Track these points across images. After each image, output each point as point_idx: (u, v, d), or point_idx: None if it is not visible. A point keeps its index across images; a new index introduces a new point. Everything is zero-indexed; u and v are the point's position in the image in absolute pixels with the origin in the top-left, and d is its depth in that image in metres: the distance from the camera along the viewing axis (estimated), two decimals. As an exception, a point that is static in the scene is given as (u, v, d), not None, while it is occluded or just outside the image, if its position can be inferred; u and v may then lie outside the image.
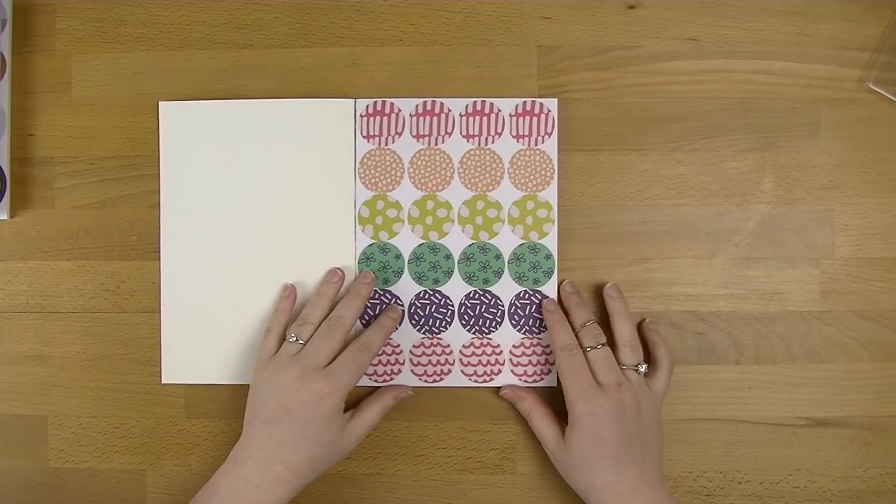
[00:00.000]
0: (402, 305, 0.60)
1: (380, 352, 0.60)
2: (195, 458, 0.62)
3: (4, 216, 0.60)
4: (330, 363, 0.55)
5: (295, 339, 0.56)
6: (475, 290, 0.61)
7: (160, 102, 0.61)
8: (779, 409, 0.60)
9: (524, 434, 0.61)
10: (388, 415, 0.60)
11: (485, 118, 0.60)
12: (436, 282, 0.61)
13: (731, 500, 0.60)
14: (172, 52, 0.62)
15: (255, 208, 0.61)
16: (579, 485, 0.55)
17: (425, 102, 0.60)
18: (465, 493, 0.61)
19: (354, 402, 0.59)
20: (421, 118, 0.61)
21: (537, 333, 0.60)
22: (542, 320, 0.60)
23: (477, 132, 0.60)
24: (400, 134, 0.61)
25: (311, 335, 0.57)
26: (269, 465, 0.53)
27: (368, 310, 0.61)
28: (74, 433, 0.62)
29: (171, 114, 0.61)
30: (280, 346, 0.57)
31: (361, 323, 0.60)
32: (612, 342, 0.57)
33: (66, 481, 0.62)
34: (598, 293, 0.60)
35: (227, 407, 0.61)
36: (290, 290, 0.60)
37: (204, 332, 0.61)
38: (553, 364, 0.60)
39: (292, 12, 0.61)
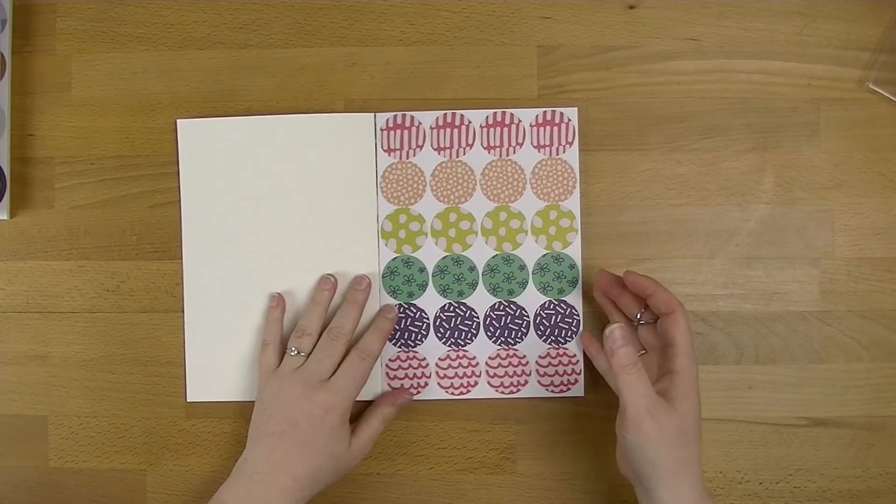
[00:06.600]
0: (428, 318, 0.60)
1: (405, 365, 0.60)
2: (195, 458, 0.62)
3: (4, 216, 0.60)
4: (333, 373, 0.55)
5: (296, 352, 0.56)
6: (500, 302, 0.60)
7: (178, 120, 0.61)
8: (779, 409, 0.60)
9: (524, 434, 0.61)
10: (388, 415, 0.60)
11: (505, 129, 0.60)
12: (460, 294, 0.61)
13: (731, 500, 0.60)
14: (172, 52, 0.62)
15: (277, 225, 0.61)
16: (680, 455, 0.51)
17: (445, 115, 0.60)
18: (465, 493, 0.61)
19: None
20: (441, 130, 0.60)
21: (563, 344, 0.60)
22: (567, 330, 0.60)
23: (498, 143, 0.60)
24: (421, 147, 0.61)
25: (312, 346, 0.57)
26: (273, 475, 0.53)
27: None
28: (74, 433, 0.62)
29: (190, 131, 0.61)
30: (280, 358, 0.58)
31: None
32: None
33: (66, 481, 0.62)
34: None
35: (227, 407, 0.61)
36: (277, 300, 0.60)
37: (228, 349, 0.61)
38: (579, 374, 0.60)
39: (292, 12, 0.61)
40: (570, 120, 0.60)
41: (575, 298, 0.60)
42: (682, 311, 0.53)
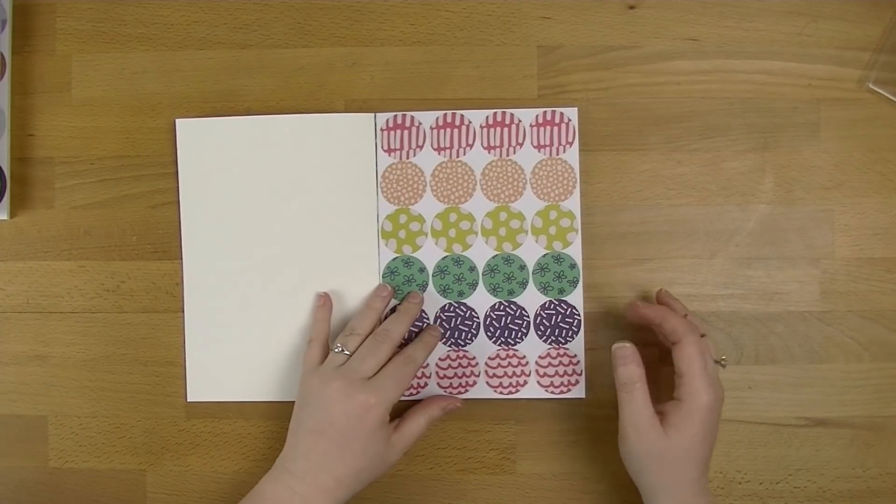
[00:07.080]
0: (428, 319, 0.60)
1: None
2: (195, 458, 0.62)
3: (4, 216, 0.60)
4: (374, 375, 0.55)
5: (341, 349, 0.56)
6: (500, 302, 0.60)
7: (177, 120, 0.61)
8: (779, 409, 0.60)
9: (524, 434, 0.61)
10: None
11: (505, 129, 0.60)
12: (460, 294, 0.60)
13: (731, 500, 0.60)
14: (172, 52, 0.62)
15: (278, 226, 0.61)
16: (660, 479, 0.52)
17: (445, 115, 0.60)
18: (465, 493, 0.61)
19: (398, 412, 0.58)
20: (441, 131, 0.60)
21: (563, 344, 0.60)
22: (567, 330, 0.60)
23: (498, 143, 0.60)
24: (421, 147, 0.60)
25: (357, 346, 0.56)
26: (314, 475, 0.53)
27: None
28: (74, 433, 0.62)
29: (189, 131, 0.61)
30: (324, 355, 0.57)
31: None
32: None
33: (66, 481, 0.62)
34: (600, 292, 0.60)
35: (227, 407, 0.61)
36: (325, 299, 0.60)
37: (228, 349, 0.61)
38: (580, 375, 0.60)
39: (292, 12, 0.62)
40: (570, 120, 0.60)
41: (575, 298, 0.60)
42: (690, 340, 0.52)
